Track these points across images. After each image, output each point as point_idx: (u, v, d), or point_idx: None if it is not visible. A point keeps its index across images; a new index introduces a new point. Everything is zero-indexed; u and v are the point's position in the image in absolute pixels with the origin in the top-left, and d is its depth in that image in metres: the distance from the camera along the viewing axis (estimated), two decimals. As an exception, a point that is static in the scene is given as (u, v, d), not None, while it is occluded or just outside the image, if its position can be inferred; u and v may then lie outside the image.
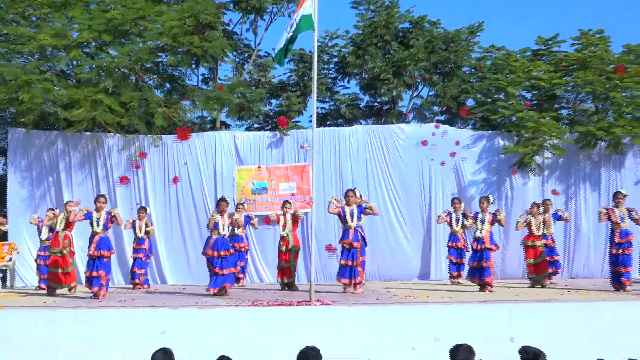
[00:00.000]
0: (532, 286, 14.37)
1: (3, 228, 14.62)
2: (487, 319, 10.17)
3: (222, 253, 12.55)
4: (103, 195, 13.18)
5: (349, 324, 9.92)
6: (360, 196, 13.30)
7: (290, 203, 14.79)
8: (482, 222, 13.61)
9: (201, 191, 16.88)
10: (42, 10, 16.66)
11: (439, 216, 15.76)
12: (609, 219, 13.61)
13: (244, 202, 15.89)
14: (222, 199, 13.08)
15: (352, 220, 12.83)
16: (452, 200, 15.84)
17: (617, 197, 13.82)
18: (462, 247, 15.43)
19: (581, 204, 17.27)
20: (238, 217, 13.59)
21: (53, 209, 14.86)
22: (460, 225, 15.29)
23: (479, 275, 13.47)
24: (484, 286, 13.30)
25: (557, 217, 15.33)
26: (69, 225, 13.59)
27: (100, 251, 12.59)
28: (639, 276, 16.80)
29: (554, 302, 11.21)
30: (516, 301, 11.18)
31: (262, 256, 16.84)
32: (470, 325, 9.93)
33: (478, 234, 13.62)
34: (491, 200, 14.05)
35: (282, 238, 14.33)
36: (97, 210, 12.77)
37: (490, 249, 13.56)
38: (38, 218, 15.07)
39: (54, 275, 13.61)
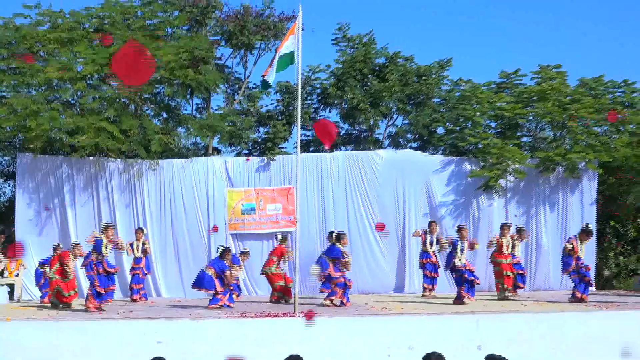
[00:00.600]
0: (501, 299, 14.34)
1: None
2: (456, 329, 10.16)
3: None
4: (112, 225, 13.62)
5: (330, 334, 9.87)
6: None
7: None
8: (462, 251, 13.43)
9: (195, 211, 16.81)
10: (50, 46, 16.66)
11: (415, 230, 15.70)
12: (572, 249, 13.59)
13: (247, 250, 15.74)
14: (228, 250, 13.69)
15: None
16: (430, 222, 15.72)
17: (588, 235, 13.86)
18: (435, 262, 15.38)
19: (541, 223, 17.32)
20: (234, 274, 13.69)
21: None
22: (433, 247, 15.19)
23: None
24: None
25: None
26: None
27: (112, 269, 12.68)
28: (595, 289, 16.93)
29: (518, 313, 11.22)
30: (483, 312, 11.17)
31: (250, 272, 16.76)
32: (441, 334, 9.91)
33: (458, 262, 13.41)
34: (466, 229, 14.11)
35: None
36: (107, 237, 12.78)
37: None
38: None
39: (59, 295, 13.53)
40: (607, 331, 10.32)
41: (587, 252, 16.15)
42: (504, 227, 14.88)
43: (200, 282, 13.04)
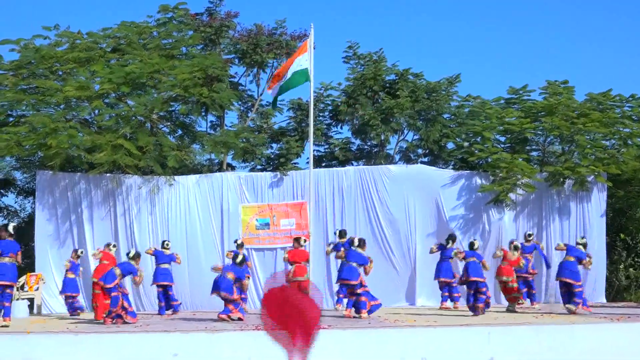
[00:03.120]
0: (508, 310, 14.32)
1: None
2: (468, 341, 10.11)
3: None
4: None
5: (344, 345, 9.83)
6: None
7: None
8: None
9: (209, 226, 16.83)
10: (68, 66, 16.81)
11: (431, 248, 15.70)
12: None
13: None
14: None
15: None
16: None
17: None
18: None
19: (551, 236, 17.20)
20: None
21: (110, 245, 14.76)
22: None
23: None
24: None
25: (533, 249, 15.47)
26: None
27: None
28: (605, 301, 16.83)
29: (528, 325, 11.15)
30: (494, 324, 11.11)
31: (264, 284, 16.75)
32: (453, 346, 9.86)
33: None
34: (476, 245, 14.08)
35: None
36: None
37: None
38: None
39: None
40: (617, 343, 10.24)
41: (599, 264, 16.17)
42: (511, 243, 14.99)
43: (218, 287, 12.53)
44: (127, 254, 13.44)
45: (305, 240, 14.04)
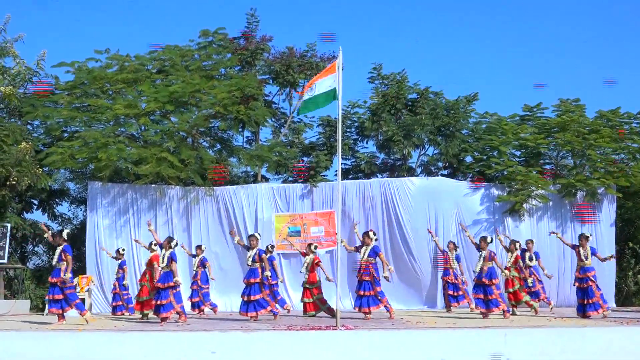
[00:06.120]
0: (513, 313, 13.89)
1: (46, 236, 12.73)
2: (486, 342, 9.96)
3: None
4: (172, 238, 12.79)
5: (369, 346, 9.76)
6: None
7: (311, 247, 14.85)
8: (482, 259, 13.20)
9: (245, 233, 16.85)
10: (117, 86, 17.04)
11: (434, 237, 15.69)
12: (578, 255, 13.24)
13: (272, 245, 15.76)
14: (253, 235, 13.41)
15: (362, 256, 12.79)
16: (449, 243, 15.67)
17: (582, 239, 13.42)
18: (457, 282, 15.16)
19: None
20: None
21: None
22: (455, 265, 15.20)
23: (486, 305, 13.02)
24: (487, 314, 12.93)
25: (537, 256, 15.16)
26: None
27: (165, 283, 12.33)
28: (615, 306, 16.52)
29: (543, 327, 10.98)
30: (510, 327, 10.96)
31: (291, 286, 16.76)
32: (471, 347, 9.73)
33: (477, 269, 13.16)
34: (489, 240, 13.69)
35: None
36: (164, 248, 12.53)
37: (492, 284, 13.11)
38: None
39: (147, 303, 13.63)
40: (628, 346, 10.03)
41: (608, 271, 15.81)
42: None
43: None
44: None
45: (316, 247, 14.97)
